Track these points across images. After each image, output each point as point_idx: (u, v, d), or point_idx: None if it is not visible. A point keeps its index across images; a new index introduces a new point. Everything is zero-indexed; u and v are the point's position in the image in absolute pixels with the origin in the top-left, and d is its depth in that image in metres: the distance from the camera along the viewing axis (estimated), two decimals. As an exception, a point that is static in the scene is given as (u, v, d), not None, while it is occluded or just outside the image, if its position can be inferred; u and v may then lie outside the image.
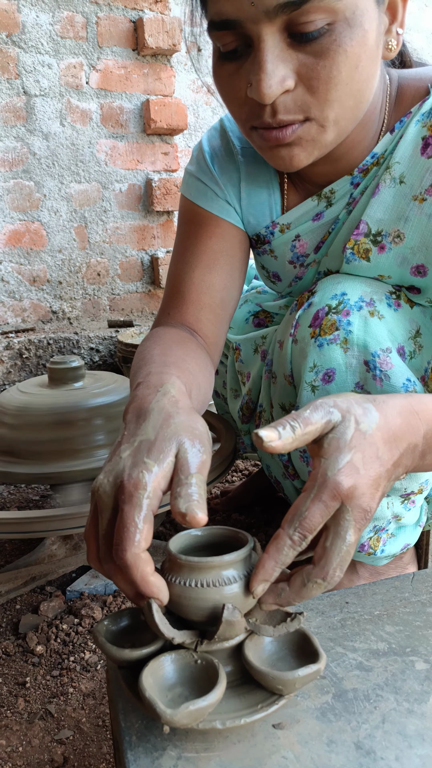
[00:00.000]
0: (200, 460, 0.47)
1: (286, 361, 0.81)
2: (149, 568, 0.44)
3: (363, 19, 0.57)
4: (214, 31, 0.60)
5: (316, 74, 0.58)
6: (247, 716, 0.42)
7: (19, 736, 0.75)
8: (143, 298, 2.30)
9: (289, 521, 0.45)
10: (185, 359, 0.67)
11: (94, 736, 0.75)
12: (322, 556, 0.45)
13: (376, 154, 0.73)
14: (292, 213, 0.80)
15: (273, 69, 0.57)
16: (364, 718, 0.45)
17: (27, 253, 2.08)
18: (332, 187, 0.76)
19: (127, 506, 0.44)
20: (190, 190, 0.84)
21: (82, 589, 1.01)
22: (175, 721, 0.39)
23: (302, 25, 0.56)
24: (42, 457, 1.03)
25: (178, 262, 0.83)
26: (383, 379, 0.72)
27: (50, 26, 1.99)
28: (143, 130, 2.18)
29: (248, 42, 0.59)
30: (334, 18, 0.56)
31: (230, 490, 1.35)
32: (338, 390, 0.75)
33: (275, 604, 0.46)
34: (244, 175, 0.81)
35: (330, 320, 0.74)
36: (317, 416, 0.47)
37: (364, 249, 0.74)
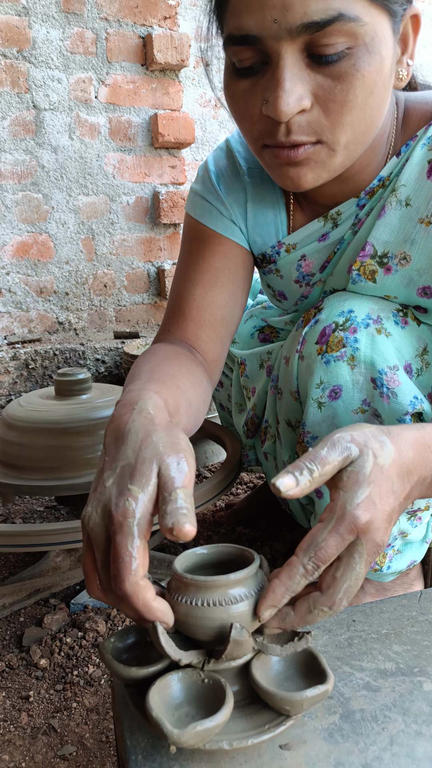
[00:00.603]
0: (183, 475, 0.47)
1: (292, 377, 0.81)
2: (150, 594, 0.44)
3: (381, 46, 0.58)
4: (233, 45, 0.59)
5: (333, 97, 0.58)
6: (254, 737, 0.42)
7: (22, 751, 0.75)
8: (149, 310, 2.31)
9: (304, 550, 0.45)
10: (175, 375, 0.66)
11: (98, 752, 0.75)
12: (331, 584, 0.45)
13: (382, 177, 0.73)
14: (299, 233, 0.81)
15: (291, 87, 0.57)
16: (372, 739, 0.44)
17: (34, 265, 2.10)
18: (339, 209, 0.77)
19: (119, 536, 0.44)
20: (195, 209, 0.85)
21: (86, 602, 1.01)
22: (182, 741, 0.39)
23: (323, 47, 0.56)
24: (48, 470, 1.03)
25: (181, 279, 0.84)
26: (390, 397, 0.72)
27: (60, 42, 2.02)
28: (151, 144, 2.20)
29: (265, 59, 0.59)
30: (354, 42, 0.56)
31: (235, 503, 1.35)
32: (345, 406, 0.75)
33: (279, 628, 0.46)
34: (251, 196, 0.82)
35: (337, 337, 0.74)
36: (335, 454, 0.47)
37: (370, 270, 0.75)
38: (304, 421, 0.78)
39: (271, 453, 0.97)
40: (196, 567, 0.51)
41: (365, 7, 0.55)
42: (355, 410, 0.75)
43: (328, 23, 0.54)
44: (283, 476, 0.45)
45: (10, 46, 1.95)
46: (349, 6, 0.54)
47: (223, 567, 0.51)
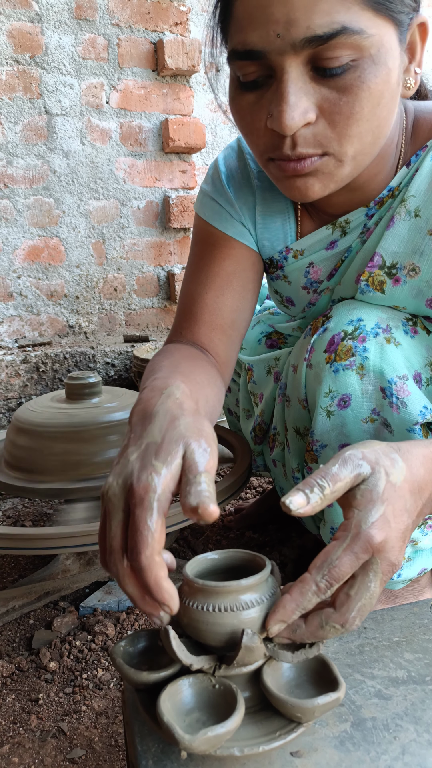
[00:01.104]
0: (207, 460, 0.47)
1: (300, 386, 0.81)
2: (163, 572, 0.44)
3: (387, 57, 0.58)
4: (237, 60, 0.60)
5: (338, 109, 0.58)
6: (265, 744, 0.42)
7: (31, 754, 0.75)
8: (159, 314, 2.32)
9: (318, 567, 0.45)
10: (194, 371, 0.67)
11: (107, 756, 0.75)
12: (345, 602, 0.45)
13: (392, 187, 0.73)
14: (307, 240, 0.81)
15: (296, 101, 0.57)
16: (383, 748, 0.44)
17: (45, 269, 2.11)
18: (347, 217, 0.77)
19: (138, 510, 0.44)
20: (205, 210, 0.85)
21: (96, 605, 1.01)
22: (193, 747, 0.39)
23: (327, 60, 0.56)
24: (58, 473, 1.04)
25: (192, 282, 0.84)
26: (400, 407, 0.71)
27: (72, 48, 2.04)
28: (161, 149, 2.21)
29: (270, 73, 0.59)
30: (359, 55, 0.56)
31: (244, 508, 1.35)
32: (354, 415, 0.74)
33: (289, 639, 0.46)
34: (260, 199, 0.82)
35: (346, 346, 0.74)
36: (346, 471, 0.47)
37: (378, 281, 0.74)
38: (312, 430, 0.78)
39: (280, 460, 0.97)
40: (207, 572, 0.51)
41: (370, 19, 0.55)
42: (365, 419, 0.75)
43: (331, 37, 0.54)
44: (294, 494, 0.45)
45: (22, 52, 1.97)
46: (353, 19, 0.54)
47: (234, 572, 0.51)
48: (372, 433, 0.75)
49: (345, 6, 0.54)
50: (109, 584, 1.07)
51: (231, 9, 0.59)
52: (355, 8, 0.54)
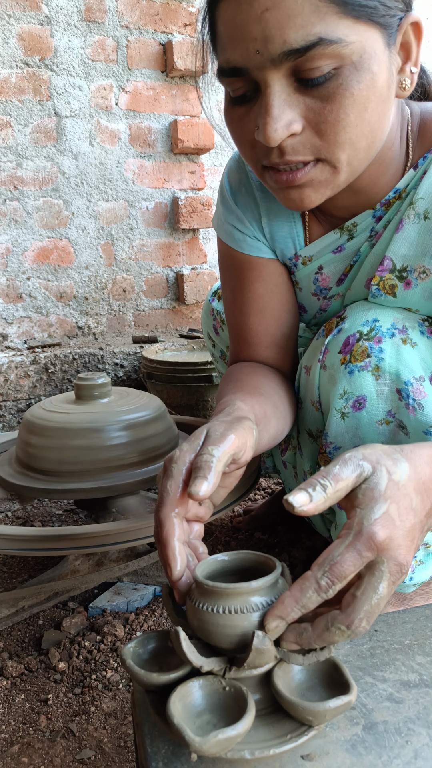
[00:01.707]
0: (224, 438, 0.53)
1: (313, 387, 0.81)
2: (175, 531, 0.50)
3: (371, 62, 0.57)
4: (224, 77, 0.62)
5: (323, 118, 0.59)
6: (276, 747, 0.42)
7: (41, 754, 0.75)
8: (168, 315, 2.32)
9: (319, 564, 0.44)
10: (257, 386, 0.74)
11: (116, 757, 0.75)
12: (351, 603, 0.43)
13: (398, 189, 0.73)
14: (315, 245, 0.81)
15: (279, 113, 0.58)
16: (395, 752, 0.44)
17: (55, 270, 2.12)
18: (354, 221, 0.77)
19: (161, 479, 0.53)
20: (222, 233, 0.87)
21: (105, 606, 1.01)
22: (204, 749, 0.39)
23: (308, 71, 0.56)
24: (67, 473, 1.04)
25: (232, 308, 0.88)
26: (416, 408, 0.71)
27: (82, 50, 2.04)
28: (170, 150, 2.22)
29: (257, 87, 0.60)
30: (340, 63, 0.56)
31: (253, 509, 1.34)
32: (369, 417, 0.74)
33: (296, 644, 0.45)
34: (264, 210, 0.83)
35: (361, 347, 0.73)
36: (347, 471, 0.47)
37: (389, 285, 0.74)
38: (326, 432, 0.78)
39: (291, 462, 0.97)
40: (218, 573, 0.50)
41: (350, 26, 0.55)
42: (380, 421, 0.74)
43: (308, 49, 0.55)
44: (297, 493, 0.45)
45: (32, 54, 1.98)
46: (330, 29, 0.54)
47: (244, 574, 0.50)
48: (387, 436, 0.75)
49: (320, 17, 0.54)
50: (118, 585, 1.07)
51: (215, 28, 0.61)
52: (332, 17, 0.54)
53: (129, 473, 1.05)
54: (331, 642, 0.44)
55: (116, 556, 1.08)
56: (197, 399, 1.70)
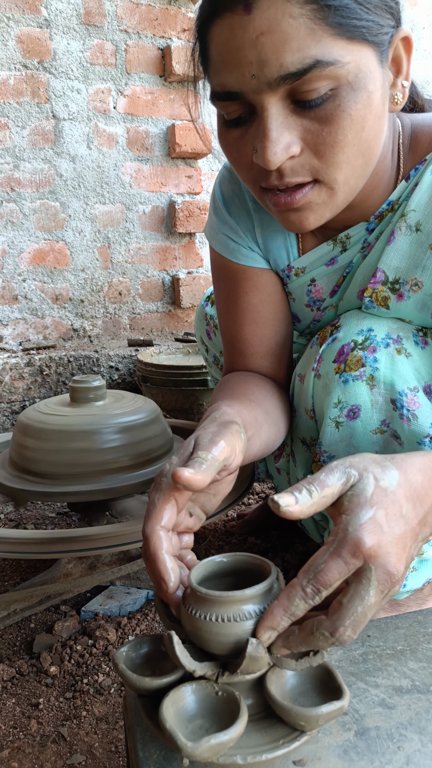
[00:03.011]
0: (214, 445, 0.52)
1: (307, 396, 0.81)
2: (163, 545, 0.49)
3: (367, 81, 0.57)
4: (218, 101, 0.61)
5: (321, 140, 0.58)
6: (268, 752, 0.42)
7: (31, 759, 0.75)
8: (163, 318, 2.32)
9: (305, 572, 0.44)
10: (247, 393, 0.74)
11: (107, 762, 0.74)
12: (336, 610, 0.43)
13: (391, 201, 0.73)
14: (308, 257, 0.81)
15: (277, 137, 0.58)
16: (387, 758, 0.44)
17: (51, 272, 2.12)
18: (348, 233, 0.77)
19: (151, 492, 0.52)
20: (215, 243, 0.87)
21: (97, 610, 1.01)
22: (196, 754, 0.39)
23: (305, 93, 0.56)
24: (61, 476, 1.04)
25: (226, 318, 0.88)
26: (410, 419, 0.71)
27: (80, 53, 2.05)
28: (168, 154, 2.22)
29: (252, 109, 0.60)
30: (337, 83, 0.56)
31: (247, 513, 1.34)
32: (363, 427, 0.74)
33: (284, 648, 0.44)
34: (257, 221, 0.83)
35: (356, 356, 0.73)
36: (333, 478, 0.46)
37: (382, 297, 0.74)
38: (320, 441, 0.78)
39: (285, 469, 0.97)
40: (214, 575, 0.50)
41: (344, 47, 0.55)
42: (374, 431, 0.74)
43: (305, 72, 0.54)
44: (283, 494, 0.45)
45: (31, 57, 1.99)
46: (326, 51, 0.54)
47: (240, 576, 0.50)
48: (381, 445, 0.75)
49: (315, 39, 0.54)
50: (110, 589, 1.06)
51: (207, 52, 0.61)
52: (327, 39, 0.54)
53: (123, 476, 1.05)
54: (316, 647, 0.43)
55: (109, 560, 1.08)
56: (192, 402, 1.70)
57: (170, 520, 0.50)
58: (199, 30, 0.61)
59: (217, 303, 0.89)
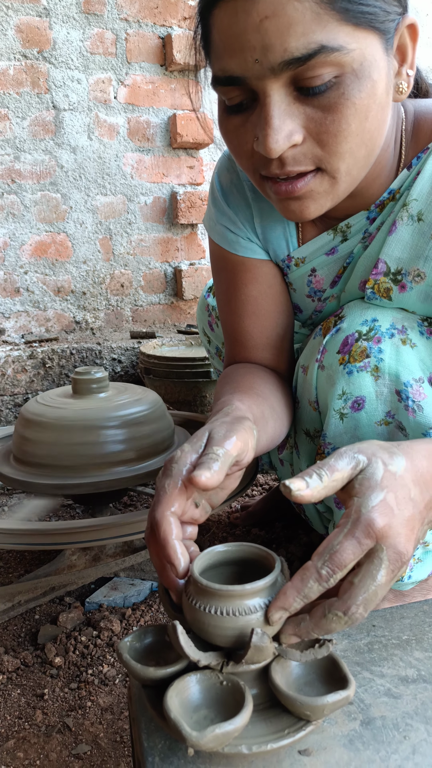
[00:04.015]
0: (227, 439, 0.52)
1: (311, 387, 0.80)
2: (174, 531, 0.48)
3: (371, 69, 0.56)
4: (219, 86, 0.60)
5: (324, 128, 0.57)
6: (273, 742, 0.41)
7: (36, 749, 0.75)
8: (166, 310, 2.31)
9: (320, 554, 0.44)
10: (253, 387, 0.73)
11: (112, 752, 0.74)
12: (348, 590, 0.43)
13: (392, 190, 0.72)
14: (308, 247, 0.80)
15: (280, 124, 0.57)
16: (393, 748, 0.44)
17: (52, 264, 2.11)
18: (349, 222, 0.76)
19: (159, 478, 0.51)
20: (214, 234, 0.86)
21: (101, 601, 1.01)
22: (201, 744, 0.38)
23: (309, 79, 0.55)
24: (64, 468, 1.03)
25: (226, 310, 0.87)
26: (416, 410, 0.70)
27: (80, 42, 2.03)
28: (169, 144, 2.21)
29: (254, 95, 0.58)
30: (341, 71, 0.55)
31: (250, 505, 1.34)
32: (368, 418, 0.74)
33: (294, 635, 0.44)
34: (257, 211, 0.82)
35: (360, 347, 0.72)
36: (343, 463, 0.47)
37: (384, 288, 0.73)
38: (324, 432, 0.77)
39: (288, 461, 0.96)
40: (218, 564, 0.50)
41: (350, 33, 0.54)
42: (379, 422, 0.74)
43: (309, 57, 0.53)
44: (294, 479, 0.45)
45: (30, 46, 1.97)
46: (331, 36, 0.53)
47: (243, 566, 0.50)
48: (386, 437, 0.74)
49: (321, 24, 0.52)
50: (114, 580, 1.06)
51: (209, 37, 0.59)
52: (333, 24, 0.53)
53: (126, 468, 1.05)
54: (328, 630, 0.43)
55: (113, 551, 1.08)
56: (195, 394, 1.70)
57: (179, 507, 0.50)
58: (201, 13, 0.60)
59: (217, 295, 0.89)
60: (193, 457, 0.51)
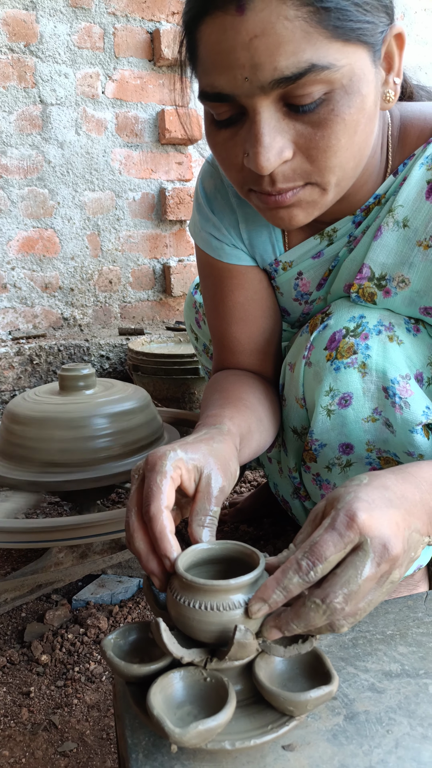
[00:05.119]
0: (219, 490, 0.54)
1: (298, 384, 0.80)
2: (170, 526, 0.49)
3: (360, 84, 0.56)
4: (207, 101, 0.59)
5: (314, 144, 0.57)
6: (257, 737, 0.41)
7: (22, 747, 0.75)
8: (154, 307, 2.30)
9: (301, 546, 0.44)
10: (242, 397, 0.74)
11: (98, 749, 0.74)
12: (328, 578, 0.43)
13: (378, 195, 0.72)
14: (295, 251, 0.80)
15: (270, 141, 0.56)
16: (376, 742, 0.44)
17: (40, 260, 2.09)
18: (335, 226, 0.76)
19: (149, 473, 0.52)
20: (199, 240, 0.86)
21: (88, 599, 1.01)
22: (184, 740, 0.38)
23: (299, 97, 0.55)
24: (51, 465, 1.03)
25: (214, 316, 0.87)
26: (403, 407, 0.71)
27: (68, 36, 2.01)
28: (158, 140, 2.20)
29: (242, 110, 0.58)
30: (331, 87, 0.55)
31: (239, 502, 1.34)
32: (355, 415, 0.74)
33: (275, 627, 0.44)
34: (242, 217, 0.81)
35: (347, 343, 0.73)
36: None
37: (369, 293, 0.74)
38: (312, 429, 0.77)
39: (275, 458, 0.96)
40: (203, 562, 0.50)
41: (339, 50, 0.53)
42: (366, 418, 0.74)
43: (300, 76, 0.53)
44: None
45: (17, 40, 1.95)
46: (321, 54, 0.52)
47: (228, 564, 0.50)
48: (373, 433, 0.74)
49: (311, 42, 0.52)
50: (102, 577, 1.06)
51: (196, 50, 0.58)
52: (322, 42, 0.52)
53: (113, 465, 1.05)
54: (308, 622, 0.43)
55: (100, 549, 1.08)
56: (183, 391, 1.70)
57: (170, 504, 0.51)
58: (187, 26, 0.58)
59: (205, 300, 0.89)
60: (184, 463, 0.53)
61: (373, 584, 0.44)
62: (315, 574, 0.43)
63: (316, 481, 0.83)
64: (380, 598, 0.45)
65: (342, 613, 0.43)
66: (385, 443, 0.75)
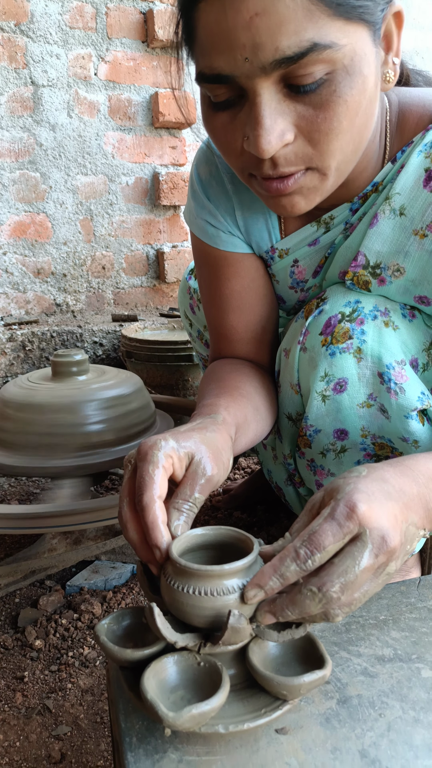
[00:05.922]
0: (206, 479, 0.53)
1: (292, 370, 0.80)
2: (162, 516, 0.49)
3: (362, 64, 0.55)
4: (205, 83, 0.57)
5: (316, 126, 0.56)
6: (250, 721, 0.42)
7: (16, 731, 0.75)
8: (148, 293, 2.29)
9: (299, 534, 0.44)
10: (238, 386, 0.73)
11: (92, 732, 0.75)
12: (326, 567, 0.43)
13: (376, 182, 0.71)
14: (291, 238, 0.80)
15: (271, 124, 0.55)
16: (369, 725, 0.44)
17: (32, 245, 2.07)
18: (332, 213, 0.75)
19: (141, 463, 0.51)
20: (194, 228, 0.85)
21: (82, 584, 1.01)
22: (177, 724, 0.39)
23: (300, 77, 0.53)
24: (44, 450, 1.02)
25: (210, 305, 0.86)
26: (398, 393, 0.70)
27: (59, 16, 1.97)
28: (151, 123, 2.16)
29: (241, 92, 0.57)
30: (332, 67, 0.54)
31: (232, 488, 1.34)
32: (350, 400, 0.73)
33: (269, 613, 0.44)
34: (237, 204, 0.80)
35: (343, 328, 0.72)
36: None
37: (363, 281, 0.73)
38: (306, 415, 0.77)
39: (270, 444, 0.96)
40: (197, 547, 0.50)
41: (341, 28, 0.52)
42: (361, 404, 0.74)
43: (302, 56, 0.51)
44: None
45: (7, 19, 1.91)
46: (323, 33, 0.51)
47: (222, 550, 0.50)
48: (368, 419, 0.74)
49: (312, 21, 0.51)
50: (95, 563, 1.06)
51: (194, 31, 0.56)
52: (324, 20, 0.51)
53: (106, 451, 1.04)
54: (303, 609, 0.43)
55: (94, 535, 1.08)
56: (177, 378, 1.69)
57: (163, 494, 0.51)
58: (183, 6, 0.57)
59: (201, 288, 0.88)
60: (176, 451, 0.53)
61: (369, 575, 0.44)
62: (313, 562, 0.43)
63: (310, 467, 0.83)
64: (375, 590, 0.45)
65: (338, 602, 0.43)
66: (380, 429, 0.75)
